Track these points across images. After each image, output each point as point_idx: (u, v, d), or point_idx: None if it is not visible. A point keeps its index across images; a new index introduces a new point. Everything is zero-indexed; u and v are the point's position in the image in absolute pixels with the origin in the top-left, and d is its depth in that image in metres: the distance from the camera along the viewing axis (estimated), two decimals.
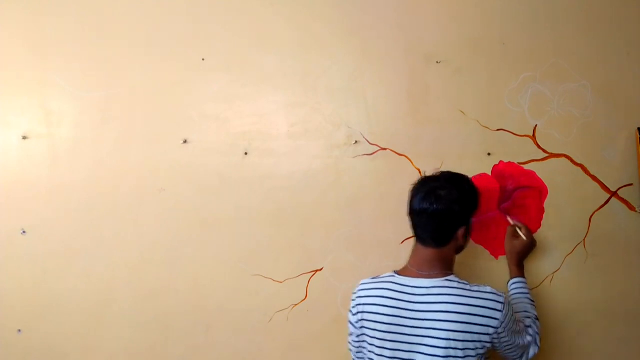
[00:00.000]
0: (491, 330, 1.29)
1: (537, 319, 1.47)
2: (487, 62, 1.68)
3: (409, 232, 1.68)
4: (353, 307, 1.42)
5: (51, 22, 1.71)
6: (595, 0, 1.68)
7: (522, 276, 1.56)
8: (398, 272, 1.40)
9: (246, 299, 1.71)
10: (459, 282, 1.34)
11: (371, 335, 1.36)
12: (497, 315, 1.30)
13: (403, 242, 1.69)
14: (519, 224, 1.59)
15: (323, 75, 1.70)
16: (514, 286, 1.55)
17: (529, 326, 1.43)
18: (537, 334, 1.43)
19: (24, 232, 1.71)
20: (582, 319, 1.67)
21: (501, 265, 1.67)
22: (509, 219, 1.63)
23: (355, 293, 1.44)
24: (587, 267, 1.67)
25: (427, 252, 1.38)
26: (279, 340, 1.71)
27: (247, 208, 1.70)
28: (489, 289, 1.33)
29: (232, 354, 1.72)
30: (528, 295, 1.52)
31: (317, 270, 1.70)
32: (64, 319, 1.72)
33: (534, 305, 1.50)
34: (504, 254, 1.66)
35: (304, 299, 1.70)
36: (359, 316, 1.39)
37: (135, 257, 1.71)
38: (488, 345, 1.31)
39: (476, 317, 1.29)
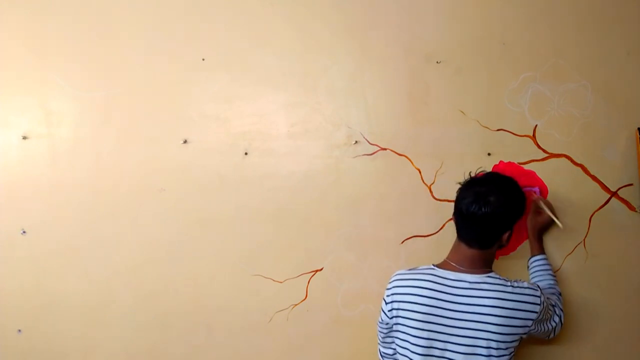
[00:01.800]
0: (529, 323, 1.36)
1: (560, 294, 1.54)
2: (487, 62, 1.68)
3: (409, 232, 1.69)
4: (387, 296, 1.45)
5: (51, 22, 1.71)
6: (595, 0, 1.68)
7: (543, 252, 1.61)
8: (437, 266, 1.44)
9: (246, 299, 1.71)
10: (500, 279, 1.39)
11: (407, 324, 1.39)
12: (536, 308, 1.36)
13: (403, 242, 1.69)
14: (545, 201, 1.61)
15: (323, 75, 1.70)
16: (535, 263, 1.59)
17: (555, 305, 1.48)
18: (562, 310, 1.49)
19: (24, 232, 1.71)
20: (582, 319, 1.67)
21: (502, 265, 1.67)
22: (534, 194, 1.63)
23: (390, 282, 1.46)
24: (587, 267, 1.67)
25: (471, 252, 1.41)
26: (279, 340, 1.71)
27: (247, 208, 1.70)
28: (526, 284, 1.39)
29: (232, 354, 1.72)
30: (550, 272, 1.57)
31: (317, 270, 1.70)
32: (64, 319, 1.72)
33: (556, 280, 1.57)
34: (504, 254, 1.66)
35: (304, 299, 1.70)
36: (393, 305, 1.42)
37: (135, 257, 1.71)
38: (525, 336, 1.39)
39: (518, 312, 1.34)
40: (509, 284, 1.38)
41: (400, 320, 1.41)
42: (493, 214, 1.36)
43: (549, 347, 1.67)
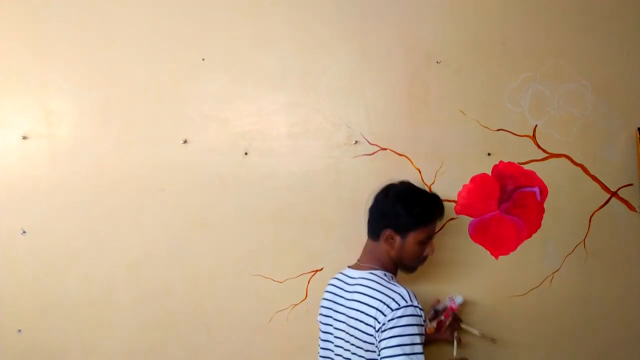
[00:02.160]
0: (377, 326, 1.26)
1: None
2: (487, 62, 1.68)
3: None
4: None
5: (51, 22, 1.71)
6: (595, 0, 1.68)
7: None
8: (349, 266, 1.49)
9: (246, 299, 1.71)
10: (379, 277, 1.37)
11: (320, 321, 1.48)
12: (387, 312, 1.25)
13: None
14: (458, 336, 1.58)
15: (323, 75, 1.70)
16: None
17: None
18: None
19: (24, 232, 1.71)
20: (582, 319, 1.67)
21: (501, 265, 1.67)
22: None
23: None
24: (587, 267, 1.67)
25: (366, 243, 1.48)
26: (279, 340, 1.71)
27: (247, 208, 1.70)
28: (402, 289, 1.30)
29: (232, 354, 1.72)
30: None
31: (317, 270, 1.70)
32: (64, 319, 1.71)
33: None
34: (504, 254, 1.66)
35: (304, 299, 1.70)
36: (319, 311, 1.50)
37: (135, 257, 1.71)
38: (373, 343, 1.28)
39: (370, 308, 1.30)
40: (384, 282, 1.33)
41: (318, 318, 1.50)
42: (375, 207, 1.46)
43: (549, 346, 1.67)
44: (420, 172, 1.68)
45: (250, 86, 1.71)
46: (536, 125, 1.68)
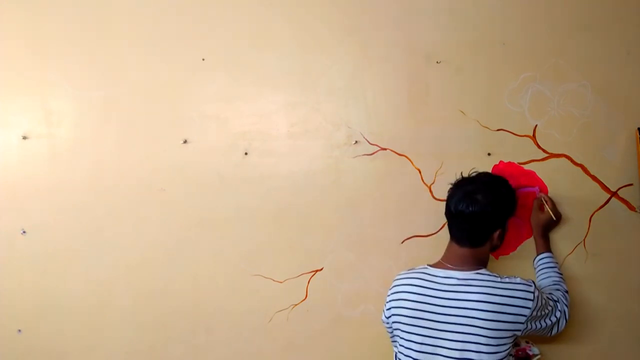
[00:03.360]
0: (522, 319, 1.35)
1: (567, 292, 1.51)
2: (487, 62, 1.68)
3: (409, 232, 1.69)
4: (387, 302, 1.48)
5: (51, 22, 1.71)
6: (595, 0, 1.68)
7: (549, 250, 1.59)
8: (431, 265, 1.46)
9: (246, 299, 1.71)
10: (490, 275, 1.39)
11: (401, 322, 1.42)
12: (529, 304, 1.34)
13: (403, 242, 1.69)
14: (546, 197, 1.61)
15: (323, 75, 1.70)
16: (542, 261, 1.58)
17: (557, 300, 1.46)
18: (567, 306, 1.46)
19: (24, 232, 1.71)
20: (582, 319, 1.67)
21: (502, 265, 1.67)
22: (537, 192, 1.63)
23: (390, 289, 1.49)
24: (587, 267, 1.67)
25: (461, 251, 1.43)
26: (279, 340, 1.71)
27: (247, 208, 1.70)
28: (519, 279, 1.38)
29: (232, 354, 1.72)
30: (556, 269, 1.56)
31: (317, 270, 1.70)
32: (64, 319, 1.72)
33: (562, 278, 1.55)
34: (504, 254, 1.66)
35: (304, 299, 1.70)
36: (390, 304, 1.46)
37: (135, 257, 1.71)
38: (519, 334, 1.37)
39: (508, 307, 1.34)
40: (499, 279, 1.38)
41: (396, 319, 1.44)
42: (481, 212, 1.41)
43: (548, 347, 1.67)
44: (420, 172, 1.68)
45: (250, 86, 1.71)
46: (536, 125, 1.68)
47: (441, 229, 1.67)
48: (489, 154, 1.68)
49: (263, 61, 1.70)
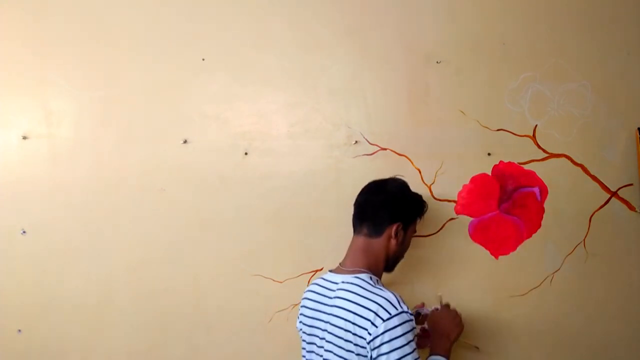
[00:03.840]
0: (368, 337, 1.18)
1: None
2: (487, 62, 1.68)
3: None
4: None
5: (51, 22, 1.71)
6: (595, 0, 1.68)
7: (447, 356, 1.35)
8: (330, 269, 1.43)
9: (246, 299, 1.71)
10: (365, 281, 1.28)
11: (302, 330, 1.40)
12: (378, 322, 1.18)
13: None
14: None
15: (323, 75, 1.70)
16: None
17: None
18: None
19: (24, 232, 1.71)
20: (582, 319, 1.67)
21: (501, 265, 1.67)
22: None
23: None
24: (587, 267, 1.67)
25: (357, 242, 1.39)
26: (279, 340, 1.71)
27: (247, 208, 1.70)
28: (390, 295, 1.23)
29: (232, 354, 1.72)
30: None
31: (317, 270, 1.70)
32: (64, 319, 1.72)
33: None
34: (504, 254, 1.66)
35: None
36: (299, 316, 1.43)
37: (135, 257, 1.71)
38: (366, 356, 1.20)
39: (359, 318, 1.21)
40: (370, 287, 1.25)
41: (300, 327, 1.43)
42: (382, 200, 1.39)
43: (549, 346, 1.67)
44: (420, 172, 1.68)
45: (250, 86, 1.71)
46: (536, 125, 1.68)
47: (441, 229, 1.67)
48: (489, 154, 1.68)
49: (263, 61, 1.70)
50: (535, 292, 1.68)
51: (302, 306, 1.43)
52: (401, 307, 1.21)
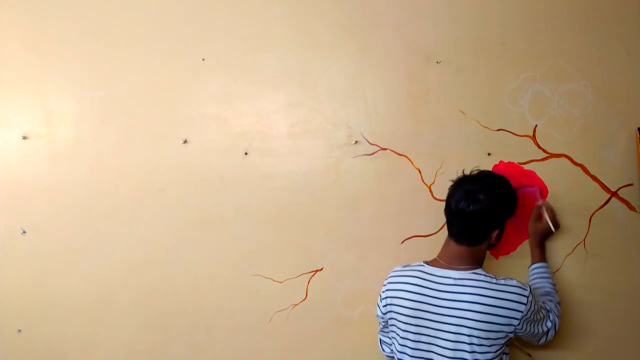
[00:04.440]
0: (515, 322, 1.35)
1: (559, 303, 1.52)
2: (487, 62, 1.68)
3: (409, 232, 1.69)
4: (382, 292, 1.49)
5: (51, 22, 1.71)
6: (595, 0, 1.68)
7: (544, 260, 1.58)
8: (427, 263, 1.46)
9: (246, 299, 1.71)
10: (485, 275, 1.39)
11: (398, 319, 1.43)
12: (522, 308, 1.35)
13: (403, 242, 1.69)
14: (546, 205, 1.60)
15: (323, 75, 1.70)
16: (535, 271, 1.57)
17: (550, 310, 1.47)
18: (557, 317, 1.47)
19: (24, 232, 1.71)
20: (582, 319, 1.67)
21: (501, 265, 1.67)
22: (537, 197, 1.62)
23: (386, 279, 1.50)
24: (587, 267, 1.67)
25: (459, 249, 1.43)
26: (279, 340, 1.71)
27: (247, 208, 1.70)
28: (514, 282, 1.38)
29: (232, 354, 1.72)
30: (550, 280, 1.56)
31: (317, 270, 1.70)
32: (64, 319, 1.72)
33: (555, 289, 1.55)
34: (504, 254, 1.66)
35: (304, 299, 1.70)
36: (387, 301, 1.46)
37: (135, 257, 1.71)
38: (511, 335, 1.37)
39: (501, 309, 1.34)
40: (494, 280, 1.38)
41: (392, 315, 1.45)
42: (482, 212, 1.39)
43: (549, 346, 1.67)
44: (420, 172, 1.68)
45: (250, 86, 1.71)
46: (536, 125, 1.68)
47: (441, 229, 1.67)
48: (489, 154, 1.68)
49: (263, 61, 1.70)
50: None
51: (393, 297, 1.44)
52: (527, 289, 1.37)
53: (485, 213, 1.39)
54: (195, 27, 1.71)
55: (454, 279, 1.39)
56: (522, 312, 1.35)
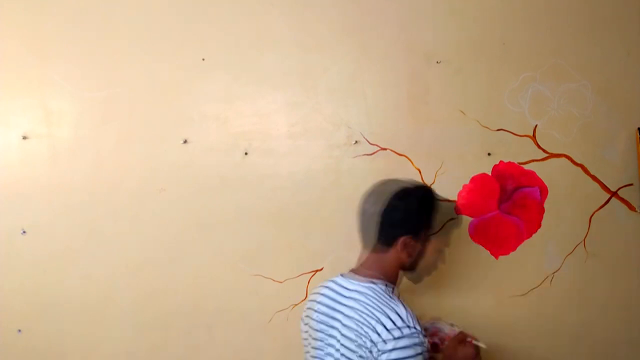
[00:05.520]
0: (368, 344, 1.16)
1: None
2: (487, 62, 1.68)
3: None
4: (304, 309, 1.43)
5: (51, 22, 1.71)
6: (595, 0, 1.68)
7: None
8: (342, 274, 1.39)
9: (246, 299, 1.71)
10: (380, 290, 1.25)
11: (303, 330, 1.38)
12: (384, 333, 1.14)
13: None
14: (468, 335, 1.39)
15: (323, 75, 1.70)
16: None
17: None
18: None
19: (24, 232, 1.71)
20: (582, 319, 1.67)
21: (501, 265, 1.67)
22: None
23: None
24: (587, 267, 1.67)
25: (366, 256, 1.35)
26: (279, 340, 1.71)
27: (247, 208, 1.70)
28: (404, 310, 1.18)
29: (232, 354, 1.72)
30: None
31: (317, 270, 1.70)
32: (64, 319, 1.72)
33: None
34: (504, 254, 1.66)
35: (304, 299, 1.70)
36: (305, 318, 1.40)
37: (135, 257, 1.71)
38: None
39: (363, 326, 1.19)
40: (385, 297, 1.22)
41: (303, 328, 1.41)
42: (383, 211, 1.30)
43: (549, 346, 1.67)
44: (420, 172, 1.68)
45: (250, 86, 1.71)
46: (536, 125, 1.68)
47: (441, 229, 1.67)
48: (489, 154, 1.68)
49: (263, 61, 1.70)
50: (535, 292, 1.68)
51: (309, 308, 1.38)
52: (413, 324, 1.16)
53: (385, 212, 1.29)
54: (195, 27, 1.71)
55: (349, 289, 1.29)
56: (380, 336, 1.13)
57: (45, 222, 1.71)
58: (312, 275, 1.70)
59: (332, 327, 1.28)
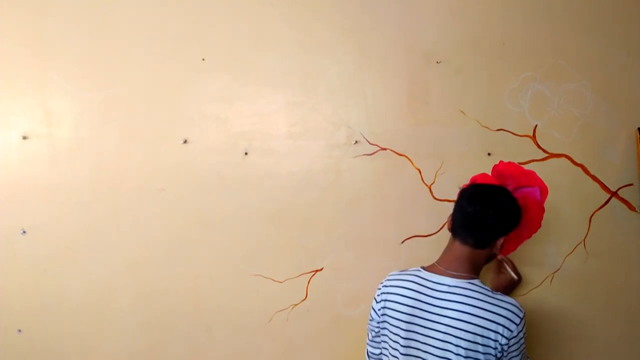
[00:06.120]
0: (503, 341, 1.30)
1: None
2: (487, 62, 1.68)
3: (409, 232, 1.69)
4: (377, 296, 1.46)
5: (51, 22, 1.71)
6: (595, 0, 1.68)
7: None
8: (424, 268, 1.43)
9: (246, 299, 1.71)
10: (482, 287, 1.35)
11: (392, 323, 1.40)
12: (513, 327, 1.30)
13: (403, 242, 1.69)
14: (506, 259, 1.59)
15: (323, 75, 1.70)
16: None
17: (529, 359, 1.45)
18: None
19: (24, 232, 1.71)
20: (582, 319, 1.67)
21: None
22: (498, 254, 1.52)
23: (382, 282, 1.47)
24: (587, 267, 1.67)
25: (461, 250, 1.40)
26: (279, 340, 1.71)
27: (247, 208, 1.70)
28: (512, 300, 1.34)
29: (232, 354, 1.72)
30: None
31: (317, 270, 1.70)
32: (64, 319, 1.72)
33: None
34: (504, 254, 1.66)
35: (304, 299, 1.70)
36: (382, 304, 1.43)
37: (135, 257, 1.71)
38: (493, 357, 1.31)
39: (491, 323, 1.29)
40: (489, 293, 1.34)
41: (386, 319, 1.42)
42: (498, 221, 1.39)
43: (549, 346, 1.67)
44: (420, 172, 1.68)
45: (250, 86, 1.71)
46: (536, 125, 1.68)
47: (441, 229, 1.67)
48: (489, 154, 1.68)
49: (263, 61, 1.70)
50: (535, 292, 1.68)
51: (388, 300, 1.42)
52: (522, 311, 1.33)
53: (500, 221, 1.40)
54: (195, 27, 1.71)
55: (449, 285, 1.36)
56: (512, 331, 1.29)
57: (45, 222, 1.71)
58: (312, 275, 1.70)
59: (433, 322, 1.34)
